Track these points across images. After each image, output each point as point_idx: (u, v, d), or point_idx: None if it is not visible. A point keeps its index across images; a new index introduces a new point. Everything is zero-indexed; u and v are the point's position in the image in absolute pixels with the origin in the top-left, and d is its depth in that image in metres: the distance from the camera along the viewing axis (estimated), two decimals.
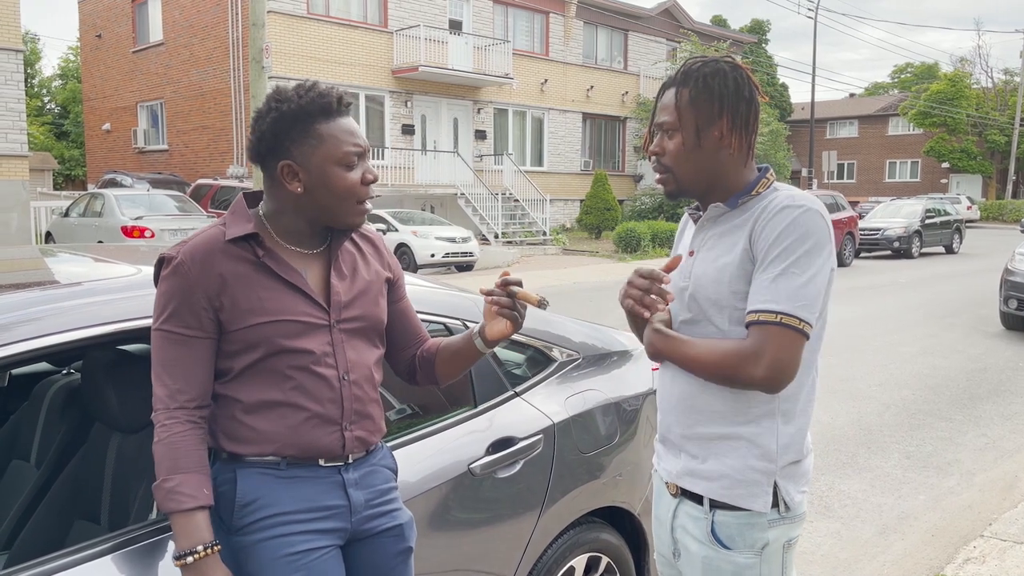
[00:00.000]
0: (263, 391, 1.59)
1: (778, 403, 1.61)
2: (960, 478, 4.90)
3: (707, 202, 1.69)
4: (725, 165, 1.65)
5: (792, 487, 1.63)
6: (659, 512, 1.82)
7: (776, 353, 1.50)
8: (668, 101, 1.65)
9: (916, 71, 58.64)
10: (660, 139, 1.67)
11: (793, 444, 1.63)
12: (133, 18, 24.46)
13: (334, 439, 1.64)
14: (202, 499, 1.50)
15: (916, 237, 21.16)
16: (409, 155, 22.25)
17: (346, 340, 1.67)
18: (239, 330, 1.57)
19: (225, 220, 1.63)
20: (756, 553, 1.62)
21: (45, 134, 38.68)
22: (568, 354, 2.67)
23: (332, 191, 1.59)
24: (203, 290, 1.55)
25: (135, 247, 2.95)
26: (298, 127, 1.57)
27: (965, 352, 8.64)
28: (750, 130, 1.65)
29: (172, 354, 1.55)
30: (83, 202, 15.35)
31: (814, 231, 1.54)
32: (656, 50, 30.41)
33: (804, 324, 1.52)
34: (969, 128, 43.48)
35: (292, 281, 1.61)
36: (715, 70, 1.62)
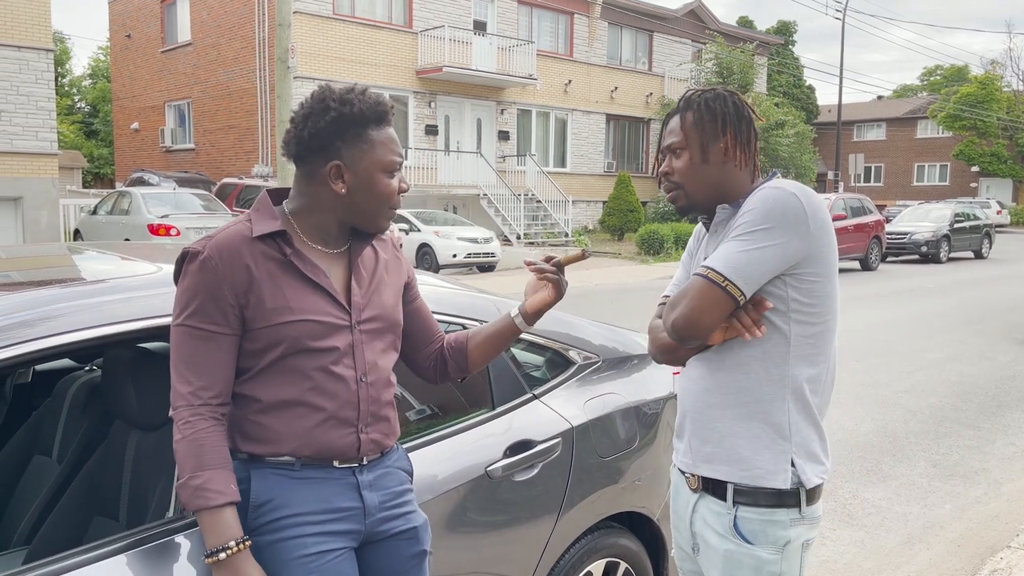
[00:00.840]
0: (281, 390, 1.59)
1: (787, 384, 1.66)
2: (987, 487, 4.81)
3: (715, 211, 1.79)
4: (731, 178, 1.75)
5: (808, 468, 1.68)
6: (678, 507, 1.86)
7: (690, 301, 1.62)
8: (674, 126, 1.78)
9: (946, 73, 57.88)
10: (668, 160, 1.78)
11: (806, 427, 1.68)
12: (162, 18, 24.76)
13: (350, 441, 1.63)
14: (230, 495, 1.50)
15: (944, 242, 20.87)
16: (432, 155, 22.31)
17: (366, 342, 1.67)
18: (263, 328, 1.57)
19: (250, 217, 1.64)
20: (778, 550, 1.67)
21: (75, 133, 39.26)
22: (587, 357, 2.64)
23: (373, 195, 1.63)
24: (229, 285, 1.55)
25: (161, 245, 2.98)
26: (353, 130, 1.60)
27: (994, 359, 8.49)
28: (751, 147, 1.77)
29: (195, 350, 1.54)
30: (111, 200, 15.56)
31: (782, 211, 1.61)
32: (681, 51, 30.25)
33: (729, 284, 1.59)
34: (1000, 131, 42.81)
35: (317, 281, 1.62)
36: (715, 95, 1.76)
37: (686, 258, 1.93)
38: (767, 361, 1.66)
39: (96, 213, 15.69)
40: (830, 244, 1.65)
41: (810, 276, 1.64)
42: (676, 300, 1.65)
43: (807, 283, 1.64)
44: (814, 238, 1.62)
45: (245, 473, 1.59)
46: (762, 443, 1.67)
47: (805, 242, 1.61)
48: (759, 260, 1.59)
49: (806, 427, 1.68)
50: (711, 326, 1.62)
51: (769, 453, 1.66)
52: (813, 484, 1.68)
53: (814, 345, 1.68)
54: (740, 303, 1.61)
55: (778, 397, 1.66)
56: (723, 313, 1.61)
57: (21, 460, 2.41)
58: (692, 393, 1.77)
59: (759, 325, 1.65)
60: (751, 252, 1.59)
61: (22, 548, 2.10)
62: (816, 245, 1.63)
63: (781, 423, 1.66)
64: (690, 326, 1.62)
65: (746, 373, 1.67)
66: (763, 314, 1.64)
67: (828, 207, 14.48)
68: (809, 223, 1.61)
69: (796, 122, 28.78)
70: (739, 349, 1.67)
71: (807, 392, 1.68)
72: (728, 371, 1.69)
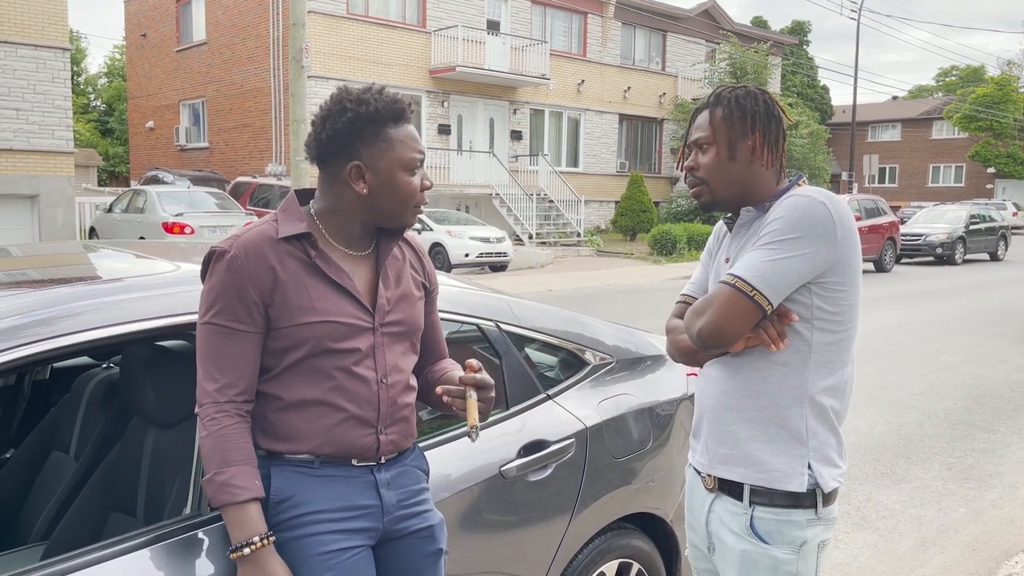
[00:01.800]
0: (303, 390, 1.60)
1: (807, 389, 1.66)
2: (1002, 491, 4.77)
3: (740, 210, 1.77)
4: (757, 177, 1.74)
5: (826, 472, 1.68)
6: (693, 506, 1.87)
7: (718, 310, 1.61)
8: (702, 121, 1.76)
9: (961, 74, 57.47)
10: (695, 155, 1.78)
11: (823, 431, 1.68)
12: (177, 17, 24.90)
13: (369, 441, 1.64)
14: (255, 490, 1.52)
15: (960, 243, 20.72)
16: (445, 155, 22.34)
17: (387, 344, 1.68)
18: (287, 328, 1.58)
19: (277, 217, 1.65)
20: (794, 550, 1.67)
21: (91, 131, 39.55)
22: (601, 357, 2.64)
23: (396, 194, 1.63)
24: (255, 284, 1.56)
25: (176, 244, 3.00)
26: (371, 130, 1.60)
27: (1010, 362, 8.42)
28: (779, 146, 1.75)
29: (221, 348, 1.56)
30: (126, 198, 15.67)
31: (810, 221, 1.60)
32: (695, 51, 30.15)
33: (757, 294, 1.59)
34: (1016, 132, 42.44)
35: (341, 283, 1.63)
36: (746, 92, 1.75)
37: (705, 257, 1.93)
38: (787, 367, 1.66)
39: (111, 211, 15.80)
40: (856, 253, 1.65)
41: (835, 285, 1.64)
42: (702, 307, 1.65)
43: (832, 291, 1.64)
44: (841, 247, 1.62)
45: (265, 470, 1.60)
46: (779, 447, 1.67)
47: (832, 251, 1.61)
48: (787, 270, 1.59)
49: (824, 432, 1.68)
50: (738, 335, 1.63)
51: (786, 457, 1.67)
52: (830, 488, 1.69)
53: (835, 352, 1.68)
54: (767, 313, 1.62)
55: (796, 402, 1.66)
56: (750, 323, 1.62)
57: (39, 456, 2.43)
58: (710, 395, 1.77)
59: (783, 337, 1.64)
60: (779, 262, 1.59)
61: (40, 543, 2.11)
62: (843, 254, 1.62)
63: (799, 428, 1.66)
64: (716, 335, 1.62)
65: (765, 378, 1.67)
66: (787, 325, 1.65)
67: None
68: (837, 232, 1.61)
69: (810, 122, 28.64)
70: (760, 354, 1.67)
71: (826, 398, 1.68)
72: (747, 375, 1.69)
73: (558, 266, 17.96)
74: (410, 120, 1.67)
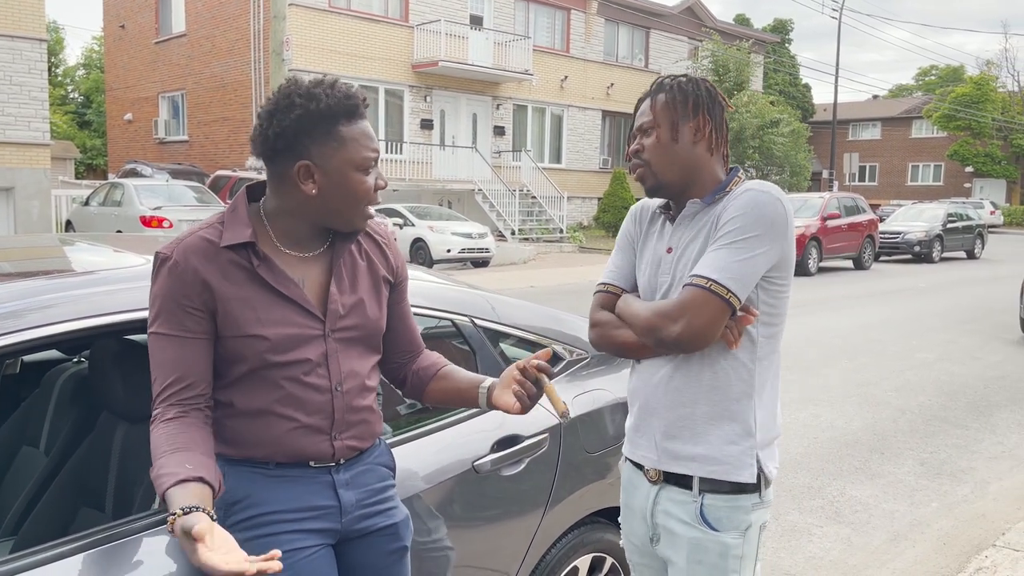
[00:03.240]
0: (253, 399, 1.56)
1: (754, 383, 1.71)
2: (974, 486, 4.84)
3: (683, 199, 1.77)
4: (700, 161, 1.74)
5: (770, 462, 1.74)
6: (633, 501, 1.87)
7: (696, 315, 1.61)
8: (645, 107, 1.78)
9: (941, 74, 58.05)
10: (639, 139, 1.79)
11: (767, 422, 1.74)
12: (156, 9, 24.65)
13: (323, 448, 1.61)
14: (183, 473, 1.38)
15: (937, 241, 20.95)
16: (427, 150, 22.29)
17: (340, 350, 1.62)
18: (231, 337, 1.53)
19: (223, 219, 1.58)
20: (740, 534, 1.72)
21: (68, 123, 39.08)
22: (577, 353, 2.65)
23: (347, 195, 1.55)
24: (196, 290, 1.50)
25: (153, 237, 2.97)
26: (322, 127, 1.51)
27: (983, 359, 8.54)
28: (722, 132, 1.77)
29: (168, 355, 1.51)
30: (103, 191, 15.52)
31: (771, 218, 1.63)
32: (678, 48, 30.26)
33: (731, 295, 1.61)
34: (994, 132, 42.94)
35: (287, 293, 1.56)
36: (688, 79, 1.78)
37: (624, 242, 1.89)
38: (736, 361, 1.69)
39: (88, 204, 15.64)
40: (793, 247, 1.70)
41: (778, 279, 1.69)
42: (675, 312, 1.63)
43: (775, 286, 1.69)
44: (788, 243, 1.67)
45: (220, 471, 1.56)
46: (731, 440, 1.70)
47: (783, 247, 1.66)
48: (753, 269, 1.62)
49: (768, 422, 1.74)
50: (714, 337, 1.63)
51: (737, 449, 1.70)
52: (774, 476, 1.75)
53: (772, 344, 1.73)
54: (735, 312, 1.64)
55: (746, 396, 1.70)
56: (723, 324, 1.63)
57: (9, 451, 2.40)
58: (657, 390, 1.76)
59: (741, 334, 1.68)
60: (747, 261, 1.61)
61: (9, 538, 2.10)
62: (788, 249, 1.68)
63: (748, 420, 1.70)
64: (698, 339, 1.62)
65: (716, 373, 1.70)
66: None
67: (823, 205, 14.37)
68: (788, 228, 1.65)
69: (791, 120, 28.84)
70: (710, 349, 1.68)
71: (768, 389, 1.73)
72: (698, 371, 1.70)
73: (540, 262, 17.98)
74: (365, 116, 1.58)
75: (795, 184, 28.84)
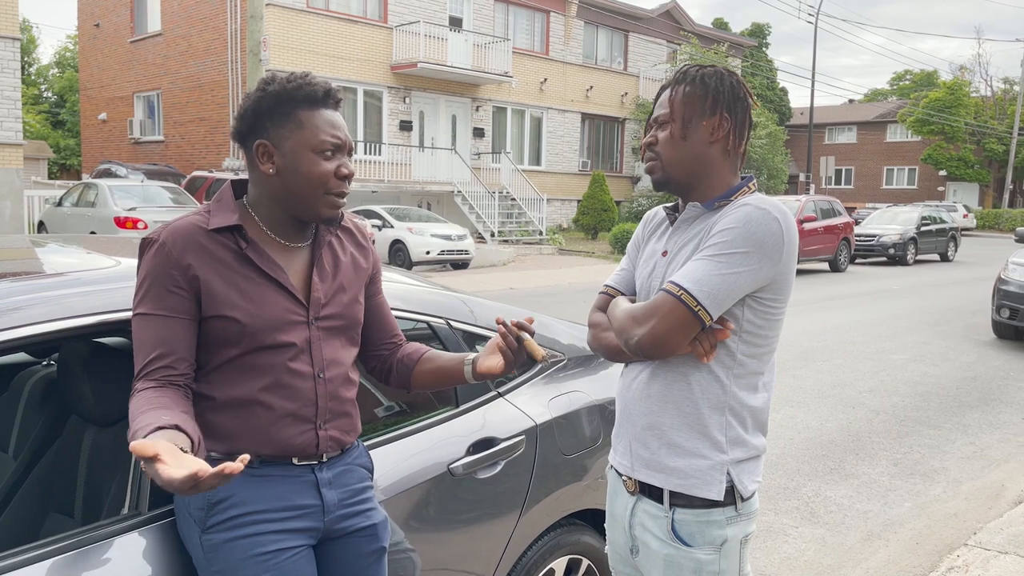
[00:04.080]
0: (236, 388, 1.57)
1: (728, 400, 1.65)
2: (947, 486, 4.90)
3: (688, 200, 1.73)
4: (713, 161, 1.69)
5: (746, 477, 1.68)
6: (615, 509, 1.84)
7: (660, 322, 1.58)
8: (664, 98, 1.73)
9: (915, 78, 58.76)
10: (654, 131, 1.74)
11: (744, 439, 1.67)
12: (132, 8, 24.39)
13: (308, 438, 1.62)
14: (159, 423, 1.34)
15: (911, 244, 21.22)
16: (407, 151, 22.23)
17: (323, 338, 1.65)
18: (215, 317, 1.55)
19: (210, 208, 1.62)
20: (715, 549, 1.66)
21: (41, 123, 38.55)
22: (552, 355, 2.65)
23: (302, 177, 1.58)
24: (182, 270, 1.53)
25: (127, 239, 2.94)
26: (280, 109, 1.58)
27: (956, 360, 8.66)
28: (742, 133, 1.70)
29: (150, 333, 1.52)
30: (76, 192, 15.31)
31: (762, 237, 1.57)
32: (656, 52, 30.42)
33: (701, 309, 1.56)
34: (967, 136, 43.57)
35: (273, 275, 1.59)
36: (713, 72, 1.70)
37: (632, 248, 1.89)
38: (711, 376, 1.64)
39: (61, 205, 15.42)
40: (793, 270, 1.64)
41: (770, 301, 1.64)
42: (642, 315, 1.61)
43: (764, 307, 1.63)
44: (783, 265, 1.61)
45: None
46: (700, 453, 1.65)
47: (775, 269, 1.60)
48: (732, 286, 1.57)
49: (745, 438, 1.67)
50: (677, 348, 1.60)
51: (705, 463, 1.65)
52: (749, 493, 1.69)
53: (758, 363, 1.68)
54: (705, 327, 1.60)
55: (717, 411, 1.65)
56: (690, 335, 1.59)
57: None
58: (633, 397, 1.74)
59: (714, 349, 1.63)
60: (726, 276, 1.56)
61: None
62: (783, 272, 1.62)
63: (718, 436, 1.65)
64: (657, 346, 1.59)
65: (689, 385, 1.66)
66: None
67: (800, 208, 14.39)
68: (784, 250, 1.59)
69: (768, 124, 29.11)
70: (685, 361, 1.65)
71: (747, 407, 1.67)
72: (672, 380, 1.67)
73: (520, 264, 18.00)
74: (332, 107, 1.63)
75: (772, 187, 29.11)
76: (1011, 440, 5.85)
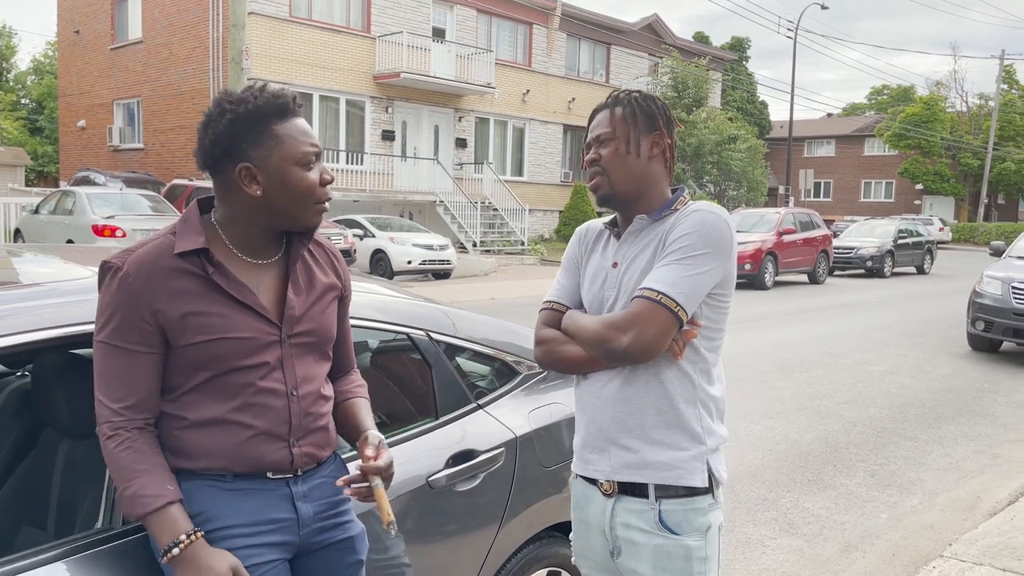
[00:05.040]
0: (209, 409, 1.56)
1: (697, 392, 1.77)
2: (923, 497, 4.95)
3: (632, 213, 1.82)
4: (655, 176, 1.81)
5: (720, 465, 1.80)
6: (588, 517, 1.88)
7: (645, 327, 1.66)
8: (602, 118, 1.83)
9: (892, 93, 59.61)
10: (595, 149, 1.82)
11: (714, 428, 1.79)
12: (112, 15, 24.24)
13: (281, 455, 1.60)
14: (168, 495, 1.47)
15: (888, 257, 21.46)
16: (389, 161, 22.21)
17: (296, 355, 1.63)
18: (185, 346, 1.53)
19: (176, 229, 1.58)
20: (702, 536, 1.76)
21: (19, 129, 38.14)
22: (531, 366, 2.65)
23: (292, 192, 1.56)
24: (147, 305, 1.50)
25: (105, 248, 2.91)
26: (255, 129, 1.54)
27: (932, 372, 8.75)
28: (674, 150, 1.84)
29: (117, 368, 1.51)
30: (54, 199, 15.13)
31: (718, 237, 1.70)
32: (638, 64, 30.64)
33: (680, 309, 1.67)
34: (943, 151, 44.19)
35: (241, 299, 1.56)
36: (644, 96, 1.83)
37: (569, 264, 1.95)
38: (681, 371, 1.75)
39: (38, 212, 15.24)
40: (735, 265, 1.79)
41: (721, 295, 1.76)
42: (625, 323, 1.68)
43: (718, 301, 1.76)
44: (731, 262, 1.75)
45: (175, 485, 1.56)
46: (681, 446, 1.75)
47: (727, 266, 1.74)
48: (700, 285, 1.69)
49: (716, 428, 1.79)
50: (662, 348, 1.68)
51: (687, 454, 1.75)
52: (725, 479, 1.81)
53: (715, 354, 1.80)
54: (683, 326, 1.70)
55: (691, 404, 1.76)
56: (671, 336, 1.69)
57: None
58: (607, 404, 1.79)
59: (685, 347, 1.74)
60: (695, 277, 1.67)
61: None
62: (731, 268, 1.76)
63: (696, 428, 1.76)
64: (647, 350, 1.67)
65: (662, 383, 1.75)
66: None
67: (779, 220, 14.61)
68: (732, 248, 1.75)
69: (749, 137, 29.35)
70: (657, 360, 1.73)
71: (713, 397, 1.79)
72: (646, 381, 1.75)
73: (502, 274, 18.00)
74: (298, 113, 1.60)
75: (752, 199, 29.33)
76: (986, 452, 5.92)
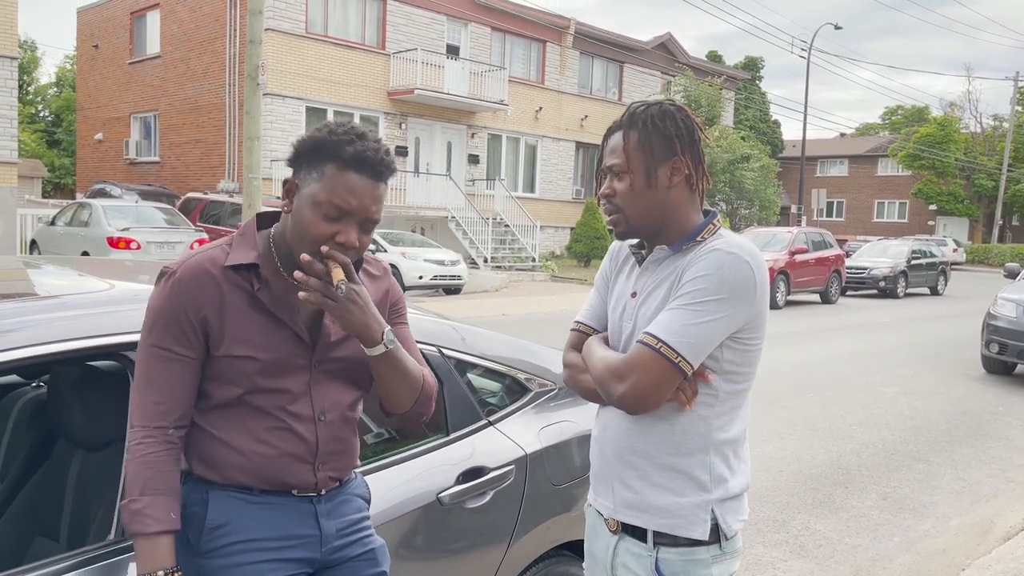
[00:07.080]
0: (236, 427, 1.58)
1: (712, 437, 1.64)
2: (936, 521, 4.89)
3: (654, 243, 1.69)
4: (675, 206, 1.65)
5: (730, 516, 1.65)
6: (595, 549, 1.81)
7: (642, 377, 1.55)
8: (615, 144, 1.66)
9: (906, 114, 59.44)
10: (610, 181, 1.67)
11: (728, 476, 1.65)
12: (131, 30, 24.55)
13: (306, 477, 1.62)
14: (167, 523, 1.48)
15: (902, 277, 21.34)
16: (401, 177, 22.29)
17: (325, 381, 1.64)
18: (221, 357, 1.55)
19: (232, 241, 1.61)
20: None
21: (37, 141, 38.59)
22: (542, 384, 2.66)
23: (298, 225, 1.54)
24: (195, 310, 1.53)
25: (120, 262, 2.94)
26: (318, 157, 1.53)
27: (946, 394, 8.67)
28: (699, 168, 1.66)
29: (159, 372, 1.53)
30: (70, 211, 15.28)
31: (734, 281, 1.55)
32: (651, 83, 30.74)
33: (682, 360, 1.54)
34: (957, 172, 44.02)
35: (282, 318, 1.58)
36: (662, 112, 1.64)
37: (600, 282, 1.85)
38: (693, 415, 1.62)
39: (54, 224, 15.39)
40: (767, 307, 1.63)
41: (748, 339, 1.62)
42: (623, 371, 1.58)
43: (743, 345, 1.62)
44: (758, 305, 1.60)
45: (203, 494, 1.58)
46: (683, 494, 1.63)
47: (750, 310, 1.59)
48: (710, 334, 1.55)
49: (728, 477, 1.65)
50: (660, 401, 1.57)
51: (689, 503, 1.63)
52: (733, 532, 1.66)
53: (738, 398, 1.66)
54: (687, 377, 1.57)
55: (701, 450, 1.63)
56: (672, 387, 1.56)
57: None
58: (613, 438, 1.72)
59: (696, 395, 1.61)
60: (703, 325, 1.53)
61: None
62: (758, 311, 1.61)
63: (702, 475, 1.63)
64: (642, 402, 1.57)
65: (671, 426, 1.63)
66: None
67: (791, 240, 14.32)
68: (757, 291, 1.58)
69: (761, 156, 29.35)
70: (667, 403, 1.62)
71: (729, 443, 1.66)
72: (652, 422, 1.64)
73: (512, 290, 18.01)
74: (365, 173, 1.53)
75: (764, 218, 29.28)
76: (1000, 476, 5.85)
